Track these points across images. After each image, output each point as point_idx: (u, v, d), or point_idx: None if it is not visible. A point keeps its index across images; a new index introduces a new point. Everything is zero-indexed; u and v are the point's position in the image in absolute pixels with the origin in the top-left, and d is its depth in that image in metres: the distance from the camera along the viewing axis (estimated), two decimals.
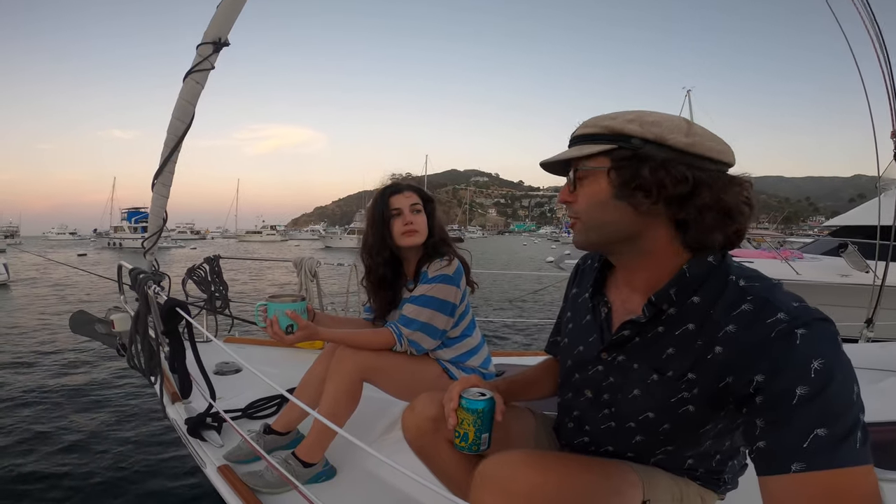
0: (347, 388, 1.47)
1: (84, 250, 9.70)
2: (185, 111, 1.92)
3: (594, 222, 0.81)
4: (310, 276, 2.75)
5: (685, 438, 0.83)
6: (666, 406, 0.80)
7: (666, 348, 0.79)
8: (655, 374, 0.81)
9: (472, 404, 0.91)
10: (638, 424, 0.85)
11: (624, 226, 0.79)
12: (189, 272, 2.56)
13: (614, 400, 0.88)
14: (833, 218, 9.95)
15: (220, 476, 1.45)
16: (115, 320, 2.08)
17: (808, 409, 0.61)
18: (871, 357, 2.27)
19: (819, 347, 0.63)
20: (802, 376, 0.62)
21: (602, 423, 0.92)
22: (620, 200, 0.77)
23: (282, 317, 1.35)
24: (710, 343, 0.74)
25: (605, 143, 0.77)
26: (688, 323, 0.77)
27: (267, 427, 1.65)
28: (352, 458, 1.61)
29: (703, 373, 0.75)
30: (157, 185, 2.07)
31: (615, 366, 0.88)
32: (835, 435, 0.59)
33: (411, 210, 1.59)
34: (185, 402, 1.86)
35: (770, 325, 0.66)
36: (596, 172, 0.79)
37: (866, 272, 5.21)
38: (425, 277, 1.56)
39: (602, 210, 0.80)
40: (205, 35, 1.80)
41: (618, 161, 0.76)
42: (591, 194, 0.80)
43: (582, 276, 1.05)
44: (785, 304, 0.67)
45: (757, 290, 0.72)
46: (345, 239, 45.15)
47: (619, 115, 0.78)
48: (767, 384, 0.65)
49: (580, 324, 0.98)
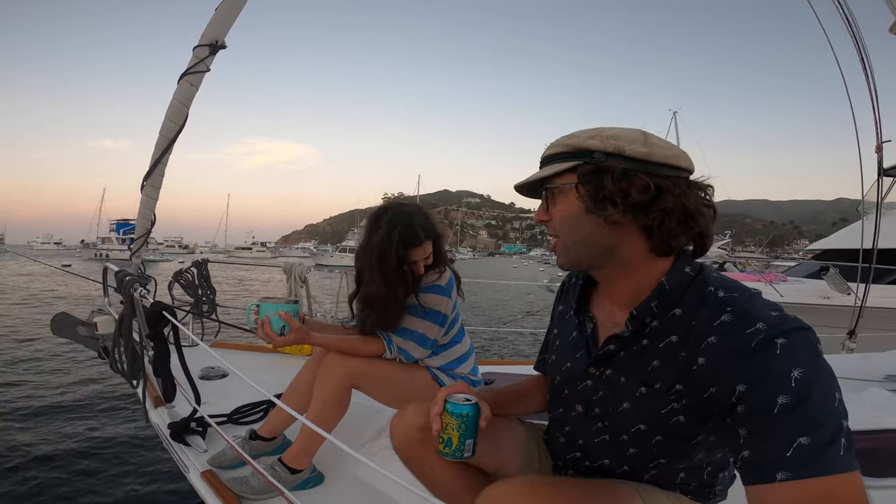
0: (336, 395, 1.46)
1: (69, 261, 9.51)
2: (178, 112, 1.93)
3: (571, 239, 0.84)
4: (299, 283, 2.73)
5: (678, 450, 0.83)
6: (657, 418, 0.80)
7: (651, 361, 0.80)
8: (643, 386, 0.81)
9: (457, 408, 0.90)
10: (630, 437, 0.85)
11: (599, 238, 0.81)
12: (176, 276, 2.53)
13: (606, 414, 0.89)
14: (816, 241, 10.16)
15: (204, 482, 1.42)
16: (98, 323, 2.04)
17: (789, 418, 0.61)
18: (853, 367, 2.31)
19: (799, 356, 0.64)
20: (783, 385, 0.62)
21: (596, 436, 0.92)
22: (591, 214, 0.80)
23: (274, 318, 1.34)
24: (693, 354, 0.74)
25: (569, 161, 0.81)
26: (671, 335, 0.78)
27: (253, 432, 1.61)
28: (339, 465, 1.58)
29: (689, 384, 0.75)
30: (146, 187, 2.06)
31: (604, 380, 0.88)
32: (818, 443, 0.59)
33: (425, 262, 1.55)
34: (169, 407, 1.82)
35: (750, 335, 0.67)
36: (565, 189, 0.82)
37: (847, 294, 5.31)
38: (417, 287, 1.55)
39: (576, 225, 0.82)
40: (202, 37, 1.82)
41: (583, 176, 0.79)
42: (564, 210, 0.83)
43: (567, 294, 1.06)
44: (764, 314, 0.68)
45: (736, 300, 0.73)
46: (336, 257, 44.83)
47: (580, 133, 0.82)
48: (749, 394, 0.65)
49: (567, 340, 0.99)
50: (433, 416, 0.92)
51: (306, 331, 1.39)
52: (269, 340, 1.36)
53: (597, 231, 0.80)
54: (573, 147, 0.81)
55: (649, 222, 0.78)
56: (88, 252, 47.05)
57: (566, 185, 0.81)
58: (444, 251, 1.61)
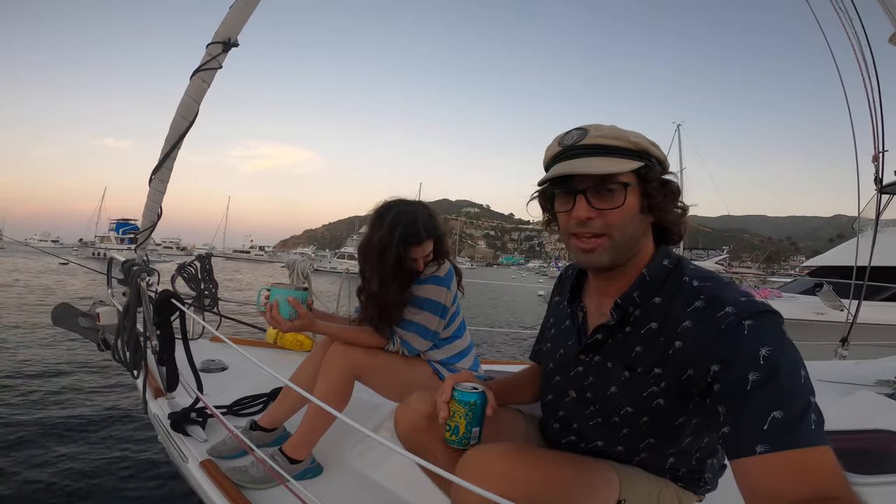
0: (339, 386, 1.48)
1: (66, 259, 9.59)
2: (189, 108, 1.96)
3: (624, 237, 0.85)
4: (302, 279, 2.75)
5: (664, 431, 0.87)
6: (640, 400, 0.85)
7: (635, 347, 0.85)
8: (628, 371, 0.86)
9: (465, 396, 0.93)
10: (621, 419, 0.89)
11: (640, 237, 0.87)
12: (179, 269, 2.55)
13: (596, 398, 0.93)
14: (812, 258, 10.23)
15: (203, 471, 1.42)
16: (100, 313, 2.07)
17: (761, 394, 0.66)
18: (844, 373, 2.37)
19: (765, 336, 0.69)
20: (752, 363, 0.67)
21: (590, 419, 0.95)
22: (643, 215, 0.86)
23: (283, 303, 1.36)
24: (670, 339, 0.79)
25: (634, 160, 0.83)
26: (651, 322, 0.84)
27: (253, 423, 1.63)
28: (338, 457, 1.60)
29: (667, 367, 0.80)
30: (154, 181, 2.09)
31: (593, 366, 0.93)
32: (791, 416, 0.64)
33: (424, 259, 1.58)
34: (169, 398, 1.83)
35: (720, 318, 0.73)
36: (629, 188, 0.83)
37: (840, 310, 5.36)
38: (416, 280, 1.58)
39: (631, 224, 0.85)
40: (215, 34, 1.86)
41: (649, 181, 0.84)
42: (624, 209, 0.83)
43: (563, 285, 1.11)
44: (733, 299, 0.74)
45: (708, 288, 0.79)
46: (334, 262, 44.68)
47: (630, 132, 0.84)
48: (723, 373, 0.70)
49: (561, 328, 1.04)
50: (441, 404, 0.94)
51: (312, 318, 1.41)
52: (276, 325, 1.38)
53: (640, 230, 0.86)
54: (639, 147, 0.83)
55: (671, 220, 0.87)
56: (86, 251, 46.77)
57: (630, 185, 0.83)
58: (446, 248, 1.63)
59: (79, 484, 2.71)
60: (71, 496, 2.60)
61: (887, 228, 7.92)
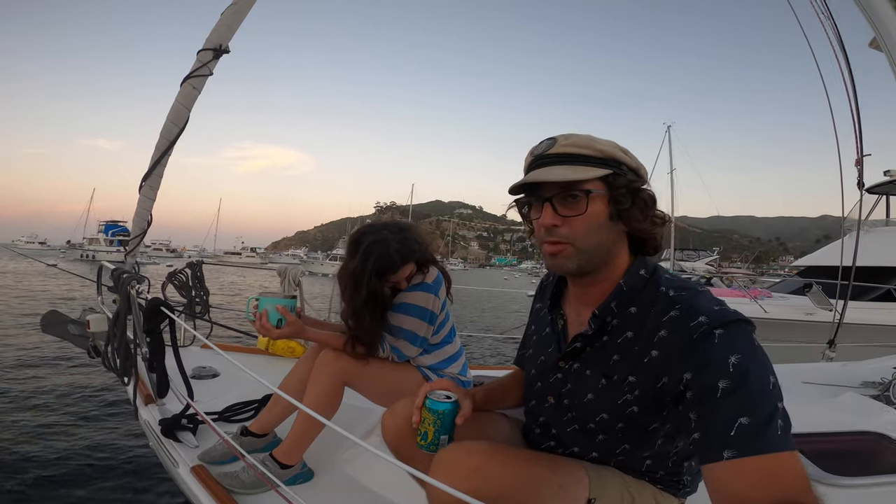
0: (329, 392, 1.49)
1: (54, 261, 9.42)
2: (180, 115, 1.96)
3: (589, 245, 0.85)
4: (293, 286, 2.75)
5: (638, 437, 0.89)
6: (615, 407, 0.87)
7: (612, 355, 0.87)
8: (604, 378, 0.88)
9: (435, 405, 0.94)
10: (597, 425, 0.91)
11: (610, 245, 0.88)
12: (170, 276, 2.54)
13: (573, 404, 0.95)
14: (800, 258, 10.34)
15: (194, 476, 1.43)
16: (90, 321, 2.05)
17: (729, 401, 0.67)
18: (831, 375, 2.39)
19: (735, 344, 0.71)
20: (722, 371, 0.69)
21: (567, 426, 0.97)
22: (612, 222, 0.86)
23: (272, 311, 1.38)
24: (646, 348, 0.81)
25: (600, 167, 0.83)
26: (627, 331, 0.86)
27: (244, 429, 1.63)
28: (328, 462, 1.61)
29: (642, 375, 0.82)
30: (144, 188, 2.08)
31: (572, 373, 0.95)
32: (757, 422, 0.65)
33: (408, 278, 1.58)
34: (159, 404, 1.83)
35: (693, 327, 0.75)
36: (594, 195, 0.83)
37: (829, 311, 5.44)
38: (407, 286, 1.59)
39: (598, 232, 0.85)
40: (206, 41, 1.85)
41: (616, 187, 0.84)
42: (588, 217, 0.83)
43: (543, 292, 1.13)
44: (706, 309, 0.76)
45: (684, 297, 0.80)
46: (326, 265, 44.21)
47: (600, 141, 0.86)
48: (695, 381, 0.72)
49: (541, 335, 1.06)
50: (414, 409, 0.97)
51: (301, 325, 1.42)
52: (266, 333, 1.39)
53: (611, 238, 0.87)
54: (606, 154, 0.84)
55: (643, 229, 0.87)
56: (74, 252, 46.14)
57: (596, 192, 0.83)
58: (429, 257, 1.61)
59: (70, 488, 2.70)
60: (61, 500, 2.58)
61: (875, 229, 8.04)
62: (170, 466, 1.58)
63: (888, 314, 6.19)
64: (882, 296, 6.60)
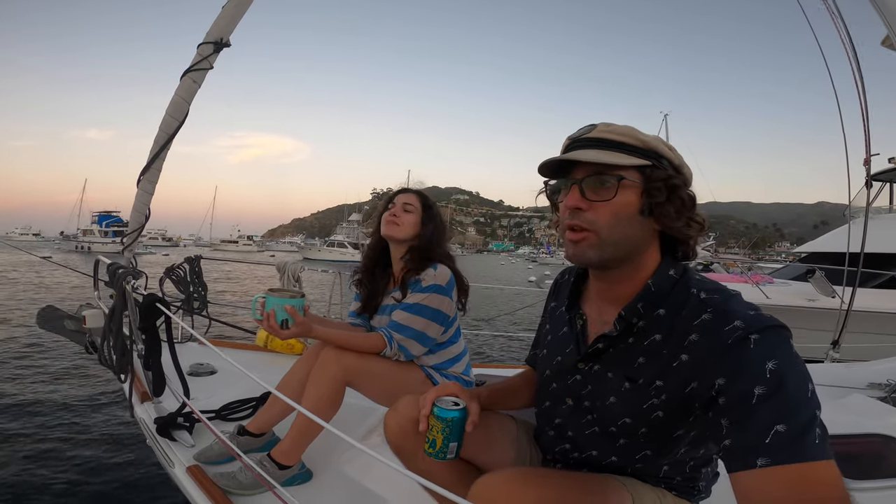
0: (330, 392, 1.45)
1: (48, 253, 9.28)
2: (179, 108, 1.92)
3: (614, 236, 0.81)
4: (292, 281, 2.71)
5: (661, 443, 0.86)
6: (639, 412, 0.83)
7: (637, 358, 0.84)
8: (628, 382, 0.84)
9: (444, 413, 0.92)
10: (618, 429, 0.88)
11: (638, 240, 0.83)
12: (168, 271, 2.50)
13: (594, 407, 0.91)
14: (800, 244, 10.32)
15: (190, 476, 1.41)
16: (86, 316, 2.02)
17: (766, 407, 0.64)
18: (836, 376, 2.36)
19: (772, 350, 0.68)
20: (759, 377, 0.66)
21: (586, 428, 0.94)
22: (643, 217, 0.82)
23: (279, 311, 1.34)
24: (675, 352, 0.78)
25: (639, 157, 0.80)
26: (655, 334, 0.82)
27: (241, 428, 1.61)
28: (327, 463, 1.59)
29: (669, 380, 0.79)
30: (142, 182, 2.04)
31: (592, 375, 0.91)
32: (794, 430, 0.63)
33: (402, 207, 1.66)
34: (156, 402, 1.80)
35: (727, 332, 0.71)
36: (627, 184, 0.80)
37: (832, 297, 5.42)
38: (417, 286, 1.56)
39: (626, 224, 0.81)
40: (207, 35, 1.82)
41: (653, 180, 0.80)
42: (617, 206, 0.80)
43: (559, 290, 1.09)
44: (741, 313, 0.72)
45: (716, 301, 0.77)
46: (324, 251, 43.81)
47: (643, 133, 0.82)
48: (728, 387, 0.69)
49: (558, 335, 1.02)
50: (421, 417, 0.93)
51: (309, 324, 1.39)
52: (274, 334, 1.36)
53: (639, 233, 0.83)
54: (647, 145, 0.81)
55: (676, 228, 0.83)
56: (69, 244, 45.91)
57: (629, 181, 0.80)
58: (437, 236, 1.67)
59: (67, 484, 2.69)
60: (59, 496, 2.57)
61: (878, 216, 8.01)
62: (166, 466, 1.56)
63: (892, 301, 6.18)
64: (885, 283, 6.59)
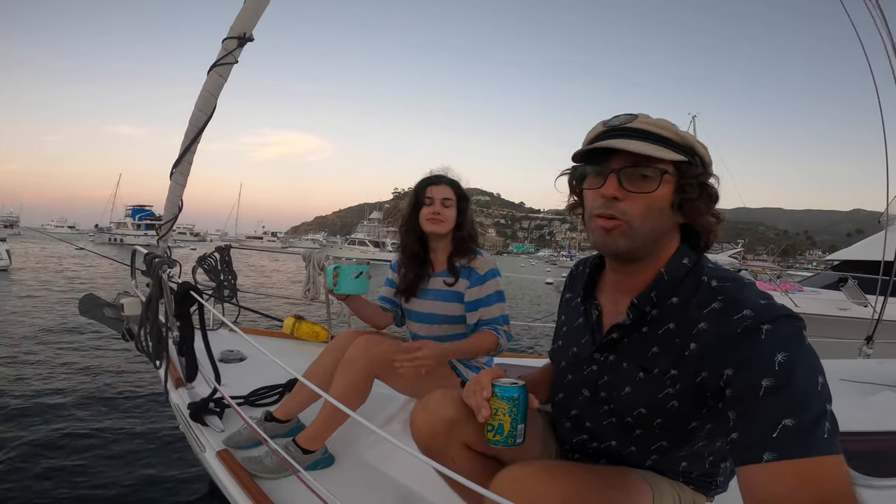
0: (358, 383, 1.49)
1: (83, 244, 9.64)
2: (207, 103, 1.98)
3: (646, 227, 0.81)
4: (318, 270, 2.75)
5: (677, 434, 0.86)
6: (655, 401, 0.83)
7: (651, 347, 0.84)
8: (643, 372, 0.84)
9: (507, 391, 0.85)
10: (634, 419, 0.88)
11: (666, 231, 0.84)
12: (200, 260, 2.58)
13: (611, 397, 0.91)
14: (833, 252, 10.00)
15: (219, 460, 1.46)
16: (125, 304, 2.11)
17: (774, 400, 0.64)
18: (867, 372, 2.30)
19: (783, 341, 0.67)
20: (767, 369, 0.65)
21: (604, 419, 0.94)
22: (673, 210, 0.83)
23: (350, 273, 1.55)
24: (686, 340, 0.78)
25: (677, 152, 0.80)
26: (668, 323, 0.82)
27: (268, 414, 1.66)
28: (351, 448, 1.63)
29: (682, 369, 0.78)
30: (175, 174, 2.12)
31: (608, 365, 0.91)
32: (803, 424, 0.62)
33: (442, 202, 1.69)
34: (189, 388, 1.87)
35: (737, 321, 0.71)
36: (664, 177, 0.80)
37: (865, 307, 5.25)
38: (474, 274, 1.64)
39: (658, 216, 0.82)
40: (230, 29, 1.86)
41: (688, 176, 0.81)
42: (654, 199, 0.80)
43: (574, 282, 1.09)
44: (751, 302, 0.71)
45: (727, 289, 0.76)
46: (345, 249, 44.27)
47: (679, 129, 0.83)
48: (736, 377, 0.69)
49: (573, 326, 1.02)
50: (481, 402, 0.86)
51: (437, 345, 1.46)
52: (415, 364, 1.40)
53: (666, 227, 0.84)
54: (685, 142, 0.82)
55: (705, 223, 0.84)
56: (102, 236, 47.44)
57: (667, 174, 0.80)
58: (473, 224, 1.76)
59: (100, 464, 2.78)
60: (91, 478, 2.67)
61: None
62: (197, 450, 1.62)
63: None
64: None
